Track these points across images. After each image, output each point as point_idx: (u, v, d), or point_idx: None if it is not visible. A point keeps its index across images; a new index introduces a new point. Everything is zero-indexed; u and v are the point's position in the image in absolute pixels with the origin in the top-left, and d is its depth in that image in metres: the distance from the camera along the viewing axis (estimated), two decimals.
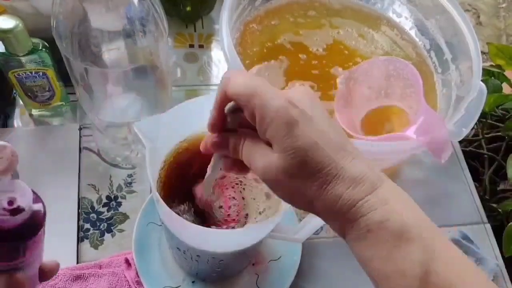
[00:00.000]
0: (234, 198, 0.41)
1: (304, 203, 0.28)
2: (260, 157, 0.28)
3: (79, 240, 0.50)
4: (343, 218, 0.27)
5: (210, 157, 0.42)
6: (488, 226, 0.58)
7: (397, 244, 0.26)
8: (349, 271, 0.52)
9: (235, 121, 0.30)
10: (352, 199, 0.27)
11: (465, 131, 0.45)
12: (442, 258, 0.26)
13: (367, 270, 0.28)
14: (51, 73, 0.52)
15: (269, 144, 0.28)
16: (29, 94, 0.54)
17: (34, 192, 0.28)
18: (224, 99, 0.29)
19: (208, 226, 0.39)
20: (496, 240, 0.57)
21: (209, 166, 0.34)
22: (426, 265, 0.25)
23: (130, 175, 0.55)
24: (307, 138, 0.27)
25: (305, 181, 0.27)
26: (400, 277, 0.26)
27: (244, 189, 0.41)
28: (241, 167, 0.31)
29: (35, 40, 0.49)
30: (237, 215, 0.40)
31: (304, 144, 0.26)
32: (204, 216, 0.40)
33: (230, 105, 0.29)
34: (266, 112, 0.27)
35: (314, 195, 0.27)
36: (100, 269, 0.47)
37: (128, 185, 0.54)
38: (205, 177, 0.35)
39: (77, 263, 0.48)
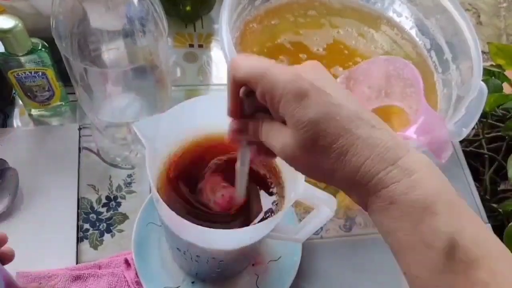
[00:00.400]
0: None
1: (324, 176, 0.28)
2: (277, 136, 0.28)
3: (79, 240, 0.50)
4: (364, 189, 0.26)
5: (210, 155, 0.42)
6: (489, 226, 0.58)
7: (421, 217, 0.25)
8: (349, 271, 0.52)
9: (252, 105, 0.30)
10: (372, 169, 0.26)
11: (466, 131, 0.45)
12: (469, 232, 0.25)
13: (388, 241, 0.27)
14: (50, 73, 0.52)
15: (284, 123, 0.28)
16: (28, 94, 0.53)
17: None
18: (235, 84, 0.29)
19: (209, 222, 0.39)
20: None
21: (236, 163, 0.34)
22: (452, 238, 0.25)
23: (129, 175, 0.54)
24: (319, 109, 0.26)
25: (321, 154, 0.26)
26: (425, 249, 0.25)
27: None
28: (267, 151, 0.31)
29: (35, 40, 0.49)
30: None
31: (316, 116, 0.26)
32: (205, 215, 0.40)
33: (243, 89, 0.29)
34: (276, 89, 0.27)
35: (332, 167, 0.27)
36: (99, 269, 0.47)
37: (127, 185, 0.54)
38: (236, 174, 0.35)
39: (77, 263, 0.48)
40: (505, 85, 0.75)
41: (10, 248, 0.36)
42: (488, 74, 0.75)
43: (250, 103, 0.30)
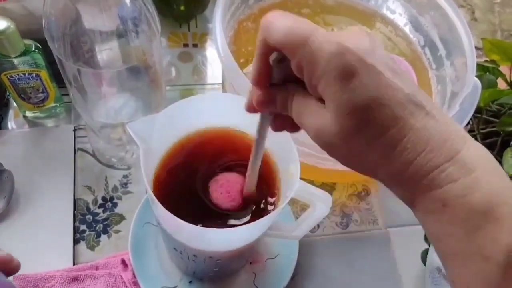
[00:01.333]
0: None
1: (365, 169, 0.25)
2: (312, 116, 0.24)
3: (75, 241, 0.50)
4: (412, 188, 0.23)
5: (206, 154, 0.42)
6: None
7: (480, 223, 0.21)
8: (346, 269, 0.52)
9: (282, 73, 0.26)
10: (425, 167, 0.22)
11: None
12: None
13: (437, 246, 0.24)
14: (44, 74, 0.51)
15: (321, 100, 0.24)
16: (22, 95, 0.53)
17: None
18: (265, 48, 0.24)
19: (206, 222, 0.39)
20: None
21: (255, 135, 0.30)
22: None
23: (125, 176, 0.54)
24: (367, 93, 0.22)
25: (365, 146, 0.23)
26: (480, 260, 0.22)
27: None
28: (293, 124, 0.27)
29: (28, 42, 0.49)
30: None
31: (364, 101, 0.22)
32: (203, 215, 0.40)
33: (275, 55, 0.24)
34: (316, 63, 0.22)
35: (377, 162, 0.23)
36: (96, 270, 0.47)
37: (123, 185, 0.54)
38: (252, 150, 0.32)
39: (74, 264, 0.48)
40: (500, 81, 0.75)
41: (17, 261, 0.35)
42: (482, 69, 0.75)
43: (281, 71, 0.25)
